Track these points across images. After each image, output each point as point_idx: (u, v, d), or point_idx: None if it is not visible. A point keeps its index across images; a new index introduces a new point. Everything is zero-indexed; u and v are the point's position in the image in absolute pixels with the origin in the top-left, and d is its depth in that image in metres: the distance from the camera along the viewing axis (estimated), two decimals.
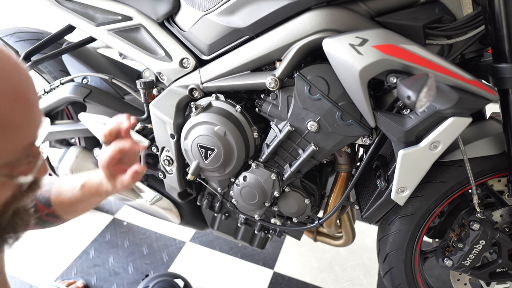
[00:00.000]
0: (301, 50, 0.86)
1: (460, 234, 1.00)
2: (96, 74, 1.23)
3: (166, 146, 1.13)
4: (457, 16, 0.81)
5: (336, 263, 1.61)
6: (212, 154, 1.02)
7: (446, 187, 0.96)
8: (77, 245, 1.65)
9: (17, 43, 1.34)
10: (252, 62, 0.93)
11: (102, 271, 1.54)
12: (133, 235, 1.73)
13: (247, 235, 1.30)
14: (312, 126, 0.92)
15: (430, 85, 0.59)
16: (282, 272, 1.56)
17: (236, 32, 0.93)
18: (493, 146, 0.93)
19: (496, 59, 0.80)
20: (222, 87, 0.99)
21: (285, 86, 0.93)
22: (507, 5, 0.74)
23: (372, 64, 0.75)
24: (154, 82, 1.13)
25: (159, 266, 1.57)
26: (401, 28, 0.80)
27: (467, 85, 0.76)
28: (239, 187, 1.08)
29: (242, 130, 1.00)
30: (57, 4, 1.13)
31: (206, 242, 1.69)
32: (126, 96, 1.32)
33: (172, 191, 1.22)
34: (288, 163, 1.02)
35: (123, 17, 1.07)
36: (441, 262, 1.02)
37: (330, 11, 0.82)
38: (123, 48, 1.08)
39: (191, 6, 0.99)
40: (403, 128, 0.82)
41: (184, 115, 1.10)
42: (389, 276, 1.12)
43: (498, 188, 1.00)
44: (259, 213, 1.15)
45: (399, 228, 1.04)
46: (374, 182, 1.01)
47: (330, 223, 1.19)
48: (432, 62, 0.75)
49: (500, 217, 0.98)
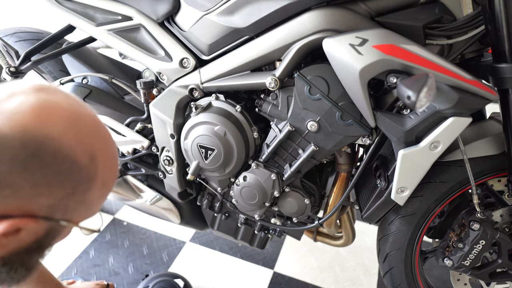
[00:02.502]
0: (301, 50, 0.86)
1: (460, 234, 1.00)
2: (96, 74, 1.23)
3: (166, 146, 1.13)
4: (457, 16, 0.81)
5: (336, 263, 1.61)
6: (212, 154, 1.02)
7: (446, 187, 0.96)
8: (77, 245, 1.65)
9: (17, 43, 1.34)
10: (252, 62, 0.93)
11: (102, 271, 1.54)
12: (133, 235, 1.73)
13: (247, 235, 1.30)
14: (312, 126, 0.92)
15: (430, 85, 0.59)
16: (282, 272, 1.56)
17: (236, 32, 0.93)
18: (493, 146, 0.92)
19: (496, 59, 0.80)
20: (222, 87, 0.99)
21: (285, 86, 0.93)
22: (507, 5, 0.74)
23: (372, 64, 0.75)
24: (154, 82, 1.13)
25: (159, 266, 1.57)
26: (401, 28, 0.79)
27: (467, 85, 0.76)
28: (239, 187, 1.08)
29: (242, 130, 1.00)
30: (57, 4, 1.13)
31: (206, 242, 1.69)
32: (126, 96, 1.32)
33: (172, 191, 1.22)
34: (288, 163, 1.02)
35: (123, 17, 1.07)
36: (441, 262, 1.02)
37: (330, 11, 0.81)
38: (123, 48, 1.08)
39: (191, 6, 0.99)
40: (403, 128, 0.82)
41: (184, 115, 1.10)
42: (389, 276, 1.12)
43: (498, 188, 1.00)
44: (259, 213, 1.15)
45: (399, 228, 1.04)
46: (374, 182, 1.01)
47: (330, 223, 1.19)
48: (432, 62, 0.75)
49: (500, 217, 0.98)
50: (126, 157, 1.23)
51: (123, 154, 1.24)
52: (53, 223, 0.51)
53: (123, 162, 1.25)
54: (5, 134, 0.44)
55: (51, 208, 0.49)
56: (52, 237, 0.54)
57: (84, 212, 0.55)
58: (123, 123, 1.19)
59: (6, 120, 0.44)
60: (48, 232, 0.52)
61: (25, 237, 0.50)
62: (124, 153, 1.23)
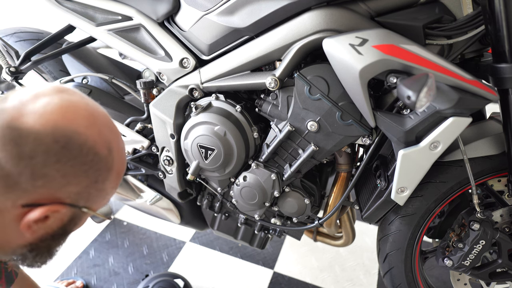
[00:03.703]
0: (301, 50, 0.86)
1: (460, 234, 1.00)
2: (96, 74, 1.23)
3: (166, 146, 1.13)
4: (457, 16, 0.81)
5: (336, 263, 1.61)
6: (212, 154, 1.02)
7: (446, 187, 0.96)
8: (77, 245, 1.65)
9: (17, 43, 1.34)
10: (252, 62, 0.93)
11: (102, 271, 1.54)
12: (133, 235, 1.73)
13: (247, 235, 1.30)
14: (312, 126, 0.92)
15: (430, 85, 0.59)
16: (282, 272, 1.56)
17: (236, 32, 0.93)
18: (493, 146, 0.92)
19: (496, 59, 0.80)
20: (222, 87, 0.99)
21: (285, 86, 0.93)
22: (507, 5, 0.74)
23: (372, 64, 0.75)
24: (154, 82, 1.13)
25: (159, 266, 1.57)
26: (401, 28, 0.79)
27: (467, 85, 0.76)
28: (239, 187, 1.08)
29: (242, 130, 1.00)
30: (57, 4, 1.13)
31: (206, 242, 1.69)
32: (126, 96, 1.32)
33: (172, 191, 1.22)
34: (288, 163, 1.02)
35: (123, 17, 1.07)
36: (441, 262, 1.02)
37: (330, 11, 0.81)
38: (123, 48, 1.08)
39: (191, 6, 0.99)
40: (403, 128, 0.82)
41: (184, 115, 1.10)
42: (389, 276, 1.12)
43: (498, 188, 1.00)
44: (259, 213, 1.15)
45: (399, 228, 1.04)
46: (374, 182, 1.01)
47: (330, 223, 1.19)
48: (432, 62, 0.75)
49: (500, 217, 0.98)
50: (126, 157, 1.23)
51: None
52: (76, 210, 0.57)
53: None
54: (38, 130, 0.50)
55: (76, 195, 0.55)
56: (74, 223, 0.60)
57: (101, 200, 0.61)
58: (123, 123, 1.19)
59: (37, 119, 0.50)
60: (72, 218, 0.59)
61: (52, 223, 0.56)
62: None
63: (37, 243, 0.59)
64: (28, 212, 0.52)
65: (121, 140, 0.63)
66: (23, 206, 0.52)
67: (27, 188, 0.51)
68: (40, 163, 0.50)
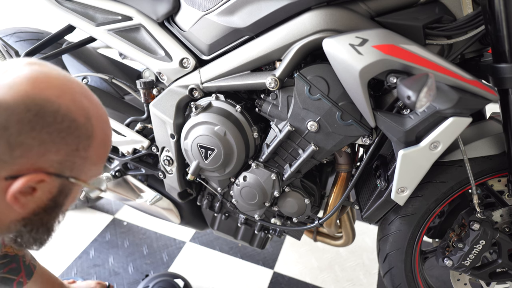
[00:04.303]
0: (301, 50, 0.86)
1: (460, 234, 1.00)
2: (96, 74, 1.23)
3: (166, 146, 1.13)
4: (457, 16, 0.81)
5: (336, 263, 1.61)
6: (212, 154, 1.02)
7: (446, 187, 0.96)
8: (77, 245, 1.65)
9: (17, 43, 1.34)
10: (252, 62, 0.93)
11: (102, 271, 1.54)
12: (133, 235, 1.73)
13: (247, 235, 1.30)
14: (312, 126, 0.92)
15: (430, 85, 0.59)
16: (282, 272, 1.56)
17: (236, 32, 0.93)
18: (493, 146, 0.93)
19: (496, 59, 0.80)
20: (222, 87, 0.99)
21: (285, 86, 0.93)
22: (507, 5, 0.74)
23: (372, 64, 0.75)
24: (154, 82, 1.13)
25: (159, 266, 1.57)
26: (401, 28, 0.80)
27: (467, 85, 0.76)
28: (239, 187, 1.08)
29: (242, 130, 1.00)
30: (57, 4, 1.13)
31: (206, 242, 1.69)
32: (126, 96, 1.32)
33: (172, 191, 1.22)
34: (288, 163, 1.02)
35: (123, 17, 1.07)
36: (441, 262, 1.02)
37: (330, 11, 0.82)
38: (123, 48, 1.08)
39: (191, 6, 0.99)
40: (403, 128, 0.82)
41: (184, 115, 1.10)
42: (389, 276, 1.12)
43: (498, 188, 1.00)
44: (259, 213, 1.15)
45: (399, 228, 1.04)
46: (374, 182, 1.01)
47: (330, 223, 1.19)
48: (432, 62, 0.75)
49: (500, 217, 0.98)
50: (126, 157, 1.23)
51: (123, 154, 1.24)
52: (64, 180, 0.58)
53: (123, 162, 1.25)
54: (8, 102, 0.50)
55: (59, 165, 0.56)
56: (65, 195, 0.61)
57: (88, 170, 0.61)
58: (123, 123, 1.19)
59: (6, 91, 0.51)
60: (61, 190, 0.59)
61: (41, 195, 0.57)
62: (124, 153, 1.23)
63: (30, 217, 0.59)
64: (12, 184, 0.53)
65: (102, 109, 0.63)
66: (6, 178, 0.52)
67: (6, 159, 0.51)
68: (15, 133, 0.50)
